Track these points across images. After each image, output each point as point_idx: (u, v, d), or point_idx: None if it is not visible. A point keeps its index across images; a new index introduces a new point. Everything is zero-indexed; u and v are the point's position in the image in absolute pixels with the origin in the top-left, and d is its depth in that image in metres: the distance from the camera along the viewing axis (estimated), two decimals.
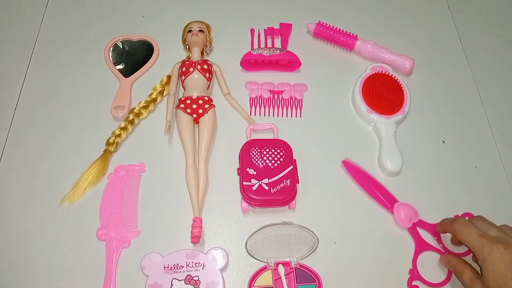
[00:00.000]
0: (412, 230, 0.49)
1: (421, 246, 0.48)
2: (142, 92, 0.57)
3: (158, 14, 0.65)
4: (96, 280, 0.45)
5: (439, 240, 0.49)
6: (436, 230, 0.48)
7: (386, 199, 0.51)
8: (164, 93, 0.57)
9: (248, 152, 0.50)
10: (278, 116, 0.57)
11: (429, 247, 0.48)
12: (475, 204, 0.51)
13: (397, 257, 0.48)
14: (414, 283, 0.46)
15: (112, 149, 0.52)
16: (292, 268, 0.46)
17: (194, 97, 0.54)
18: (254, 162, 0.50)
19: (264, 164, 0.49)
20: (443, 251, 0.48)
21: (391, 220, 0.50)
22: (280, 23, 0.63)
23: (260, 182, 0.48)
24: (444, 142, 0.57)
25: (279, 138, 0.53)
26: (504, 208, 0.52)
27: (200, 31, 0.58)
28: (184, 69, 0.55)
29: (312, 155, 0.54)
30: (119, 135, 0.53)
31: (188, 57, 0.58)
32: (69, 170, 0.51)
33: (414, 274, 0.47)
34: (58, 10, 0.65)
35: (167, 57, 0.60)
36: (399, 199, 0.51)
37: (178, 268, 0.45)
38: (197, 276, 0.45)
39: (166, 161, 0.53)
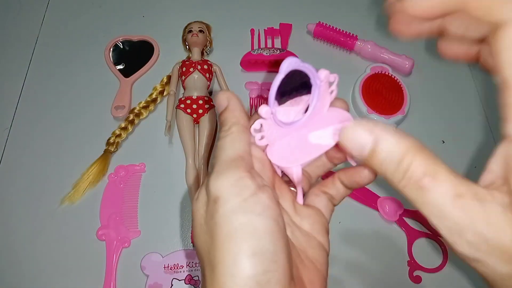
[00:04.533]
0: (400, 222, 0.50)
1: (412, 236, 0.49)
2: (142, 92, 0.57)
3: (158, 14, 0.65)
4: (96, 280, 0.45)
5: (427, 226, 0.50)
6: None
7: (367, 197, 0.51)
8: (164, 93, 0.57)
9: None
10: None
11: (420, 235, 0.49)
12: None
13: (394, 251, 0.48)
14: (415, 273, 0.47)
15: (112, 149, 0.52)
16: None
17: (194, 97, 0.54)
18: None
19: None
20: (433, 233, 0.49)
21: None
22: (280, 24, 0.63)
23: None
24: (444, 142, 0.57)
25: None
26: None
27: (200, 31, 0.58)
28: (184, 69, 0.55)
29: None
30: (119, 135, 0.53)
31: (188, 57, 0.58)
32: (69, 170, 0.51)
33: (413, 264, 0.47)
34: (58, 10, 0.65)
35: (167, 57, 0.60)
36: (399, 199, 0.51)
37: (178, 268, 0.45)
38: (197, 276, 0.45)
39: (166, 161, 0.53)
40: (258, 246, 0.20)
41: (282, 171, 0.27)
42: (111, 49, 0.61)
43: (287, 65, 0.24)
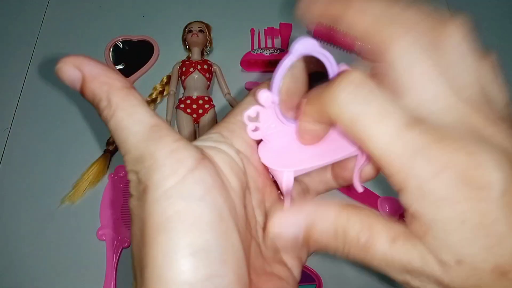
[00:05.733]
0: (400, 222, 0.49)
1: None
2: (142, 92, 0.57)
3: (158, 14, 0.65)
4: (96, 280, 0.45)
5: None
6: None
7: (367, 197, 0.51)
8: (164, 93, 0.57)
9: None
10: None
11: None
12: None
13: None
14: None
15: (112, 149, 0.52)
16: None
17: (194, 97, 0.54)
18: None
19: None
20: None
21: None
22: (280, 24, 0.64)
23: None
24: None
25: None
26: None
27: (200, 31, 0.58)
28: (184, 69, 0.55)
29: None
30: None
31: (188, 57, 0.58)
32: (69, 170, 0.51)
33: None
34: (58, 10, 0.65)
35: (167, 57, 0.60)
36: (400, 199, 0.51)
37: None
38: None
39: None
40: (200, 242, 0.16)
41: (272, 175, 0.22)
42: (111, 49, 0.61)
43: (301, 47, 0.19)
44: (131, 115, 0.18)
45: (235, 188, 0.18)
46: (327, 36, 0.62)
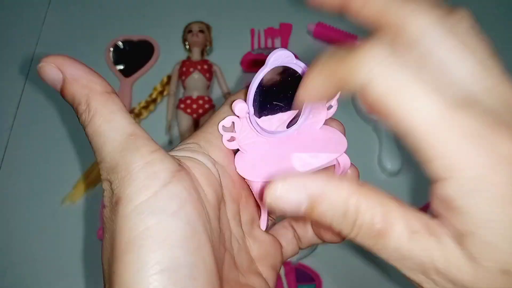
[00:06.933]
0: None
1: None
2: (142, 93, 0.57)
3: (158, 14, 0.65)
4: (96, 280, 0.45)
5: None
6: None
7: None
8: (164, 94, 0.57)
9: None
10: None
11: None
12: None
13: None
14: None
15: None
16: (292, 268, 0.46)
17: (194, 97, 0.54)
18: None
19: None
20: None
21: None
22: (280, 24, 0.64)
23: None
24: None
25: None
26: None
27: (201, 31, 0.58)
28: (184, 69, 0.55)
29: None
30: None
31: (188, 58, 0.58)
32: (70, 169, 0.51)
33: None
34: (59, 10, 0.65)
35: (167, 58, 0.60)
36: (399, 199, 0.51)
37: None
38: None
39: None
40: (170, 259, 0.15)
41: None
42: (111, 49, 0.61)
43: (275, 59, 0.19)
44: (109, 122, 0.17)
45: (210, 200, 0.18)
46: (327, 36, 0.62)
